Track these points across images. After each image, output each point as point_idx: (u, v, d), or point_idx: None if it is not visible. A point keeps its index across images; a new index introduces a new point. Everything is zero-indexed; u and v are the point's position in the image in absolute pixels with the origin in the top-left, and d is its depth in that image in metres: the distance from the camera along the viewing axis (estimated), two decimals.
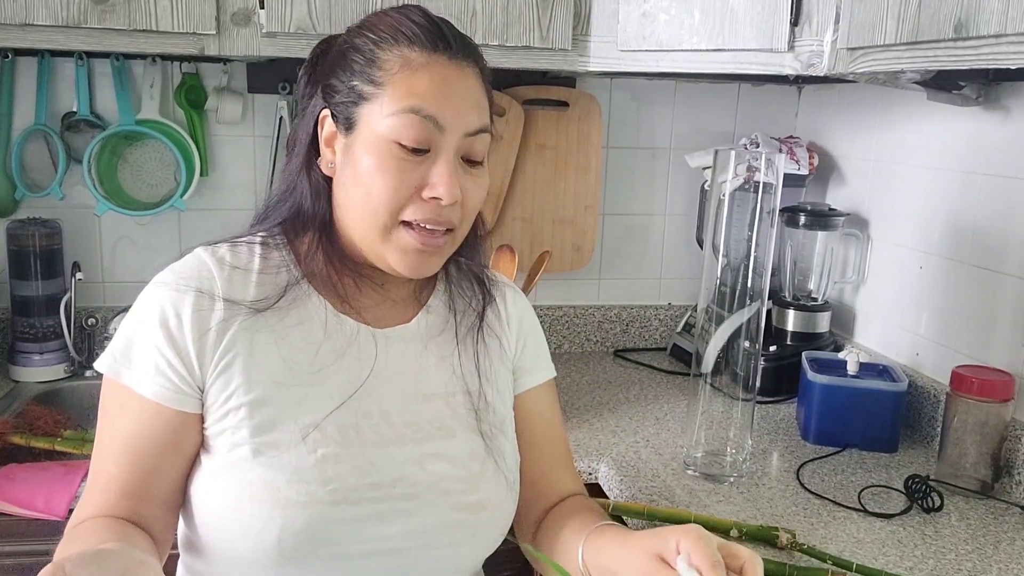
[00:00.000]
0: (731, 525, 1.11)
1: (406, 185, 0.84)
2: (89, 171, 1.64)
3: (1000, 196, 1.36)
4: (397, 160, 0.84)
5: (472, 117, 0.86)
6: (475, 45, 0.91)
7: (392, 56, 0.85)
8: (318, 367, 0.88)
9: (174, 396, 0.84)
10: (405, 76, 0.84)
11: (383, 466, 0.87)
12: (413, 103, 0.83)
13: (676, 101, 1.93)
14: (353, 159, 0.86)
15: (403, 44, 0.85)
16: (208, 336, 0.85)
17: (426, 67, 0.85)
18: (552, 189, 1.86)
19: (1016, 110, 1.33)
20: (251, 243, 0.92)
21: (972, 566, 1.08)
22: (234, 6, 1.37)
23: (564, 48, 1.48)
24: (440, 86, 0.84)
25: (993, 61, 0.94)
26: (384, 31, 0.87)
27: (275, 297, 0.88)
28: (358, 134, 0.86)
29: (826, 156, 1.83)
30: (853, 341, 1.74)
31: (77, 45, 1.37)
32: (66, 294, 1.66)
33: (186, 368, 0.84)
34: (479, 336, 0.97)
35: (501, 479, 0.93)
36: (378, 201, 0.84)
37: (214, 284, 0.87)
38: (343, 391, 0.88)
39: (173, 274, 0.88)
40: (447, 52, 0.86)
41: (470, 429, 0.93)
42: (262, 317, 0.87)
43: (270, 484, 0.82)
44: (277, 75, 1.72)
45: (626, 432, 1.48)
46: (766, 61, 1.31)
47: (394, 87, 0.84)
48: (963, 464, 1.28)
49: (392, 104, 0.84)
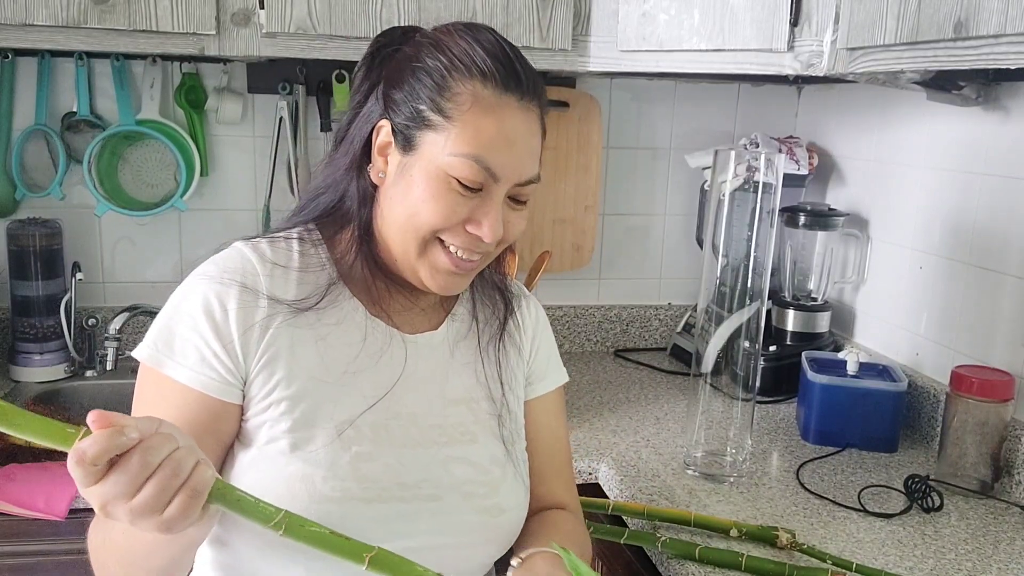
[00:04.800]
0: (731, 525, 1.11)
1: (455, 217, 0.86)
2: (89, 171, 1.64)
3: (1000, 196, 1.36)
4: (452, 194, 0.85)
5: (527, 168, 0.88)
6: (541, 79, 0.90)
7: (464, 90, 0.84)
8: (355, 368, 0.89)
9: (219, 387, 0.84)
10: (474, 117, 0.84)
11: (411, 467, 0.89)
12: (477, 152, 0.84)
13: (676, 101, 1.93)
14: (408, 180, 0.86)
15: (476, 78, 0.84)
16: (253, 331, 0.85)
17: (495, 111, 0.85)
18: (552, 189, 1.86)
19: (1016, 110, 1.33)
20: (289, 239, 0.93)
21: (972, 566, 1.08)
22: (234, 6, 1.37)
23: (564, 48, 1.49)
24: (506, 139, 0.85)
25: (993, 61, 0.94)
26: (458, 58, 0.85)
27: (316, 297, 0.89)
28: (417, 158, 0.86)
29: (826, 156, 1.83)
30: (853, 341, 1.74)
31: (77, 45, 1.37)
32: (66, 294, 1.66)
33: (231, 360, 0.84)
34: (500, 344, 0.99)
35: (520, 484, 0.96)
36: (423, 225, 0.86)
37: (258, 281, 0.87)
38: (375, 392, 0.89)
39: (217, 267, 0.88)
40: (518, 92, 0.86)
41: (492, 435, 0.95)
42: (302, 315, 0.88)
43: (307, 478, 0.84)
44: (277, 75, 1.72)
45: (626, 432, 1.48)
46: (766, 61, 1.31)
47: (463, 126, 0.84)
48: (963, 464, 1.28)
49: (457, 145, 0.84)
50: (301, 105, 1.73)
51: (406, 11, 1.41)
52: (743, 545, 1.09)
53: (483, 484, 0.92)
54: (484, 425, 0.95)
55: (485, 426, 0.95)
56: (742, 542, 1.10)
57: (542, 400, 1.04)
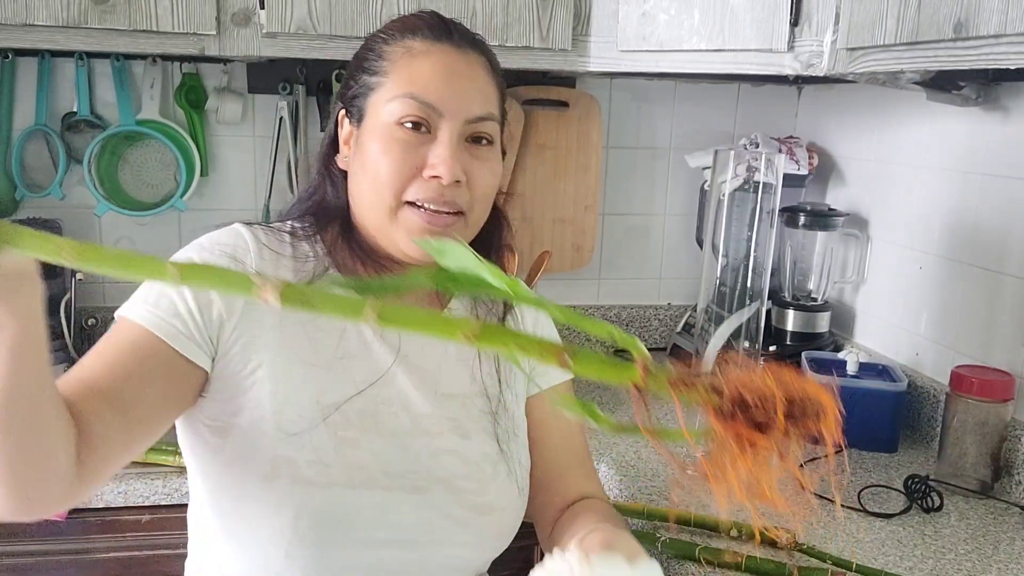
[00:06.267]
0: (731, 525, 1.11)
1: (408, 165, 0.85)
2: (89, 171, 1.64)
3: (1000, 196, 1.36)
4: (399, 142, 0.85)
5: (474, 104, 0.87)
6: (483, 41, 0.92)
7: (397, 47, 0.88)
8: (343, 352, 0.89)
9: (183, 341, 0.82)
10: (407, 63, 0.86)
11: (398, 455, 0.88)
12: (412, 90, 0.85)
13: (676, 101, 1.93)
14: (362, 148, 0.88)
15: (408, 36, 0.88)
16: (237, 303, 0.85)
17: (427, 54, 0.87)
18: (552, 189, 1.86)
19: (1016, 110, 1.33)
20: (283, 231, 0.94)
21: (972, 566, 1.08)
22: (234, 6, 1.37)
23: (564, 48, 1.49)
24: (441, 72, 0.86)
25: (993, 61, 0.94)
26: (393, 28, 0.90)
27: (306, 281, 0.89)
28: (366, 124, 0.88)
29: (826, 156, 1.83)
30: (853, 341, 1.74)
31: (77, 45, 1.37)
32: (66, 294, 1.66)
33: (204, 322, 0.83)
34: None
35: (512, 485, 0.94)
36: (383, 182, 0.86)
37: (248, 257, 0.88)
38: (366, 378, 0.89)
39: (210, 240, 0.89)
40: (450, 42, 0.88)
41: (485, 432, 0.94)
42: None
43: (291, 462, 0.83)
44: (277, 75, 1.72)
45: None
46: (766, 61, 1.31)
47: (397, 73, 0.86)
48: (963, 464, 1.28)
49: (393, 90, 0.86)
50: (301, 105, 1.73)
51: (406, 11, 1.41)
52: (743, 545, 1.09)
53: (473, 480, 0.91)
54: (478, 422, 0.94)
55: (479, 423, 0.94)
56: (742, 542, 1.10)
57: (549, 394, 1.03)
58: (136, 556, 1.28)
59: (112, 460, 0.76)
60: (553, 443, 1.01)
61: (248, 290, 0.53)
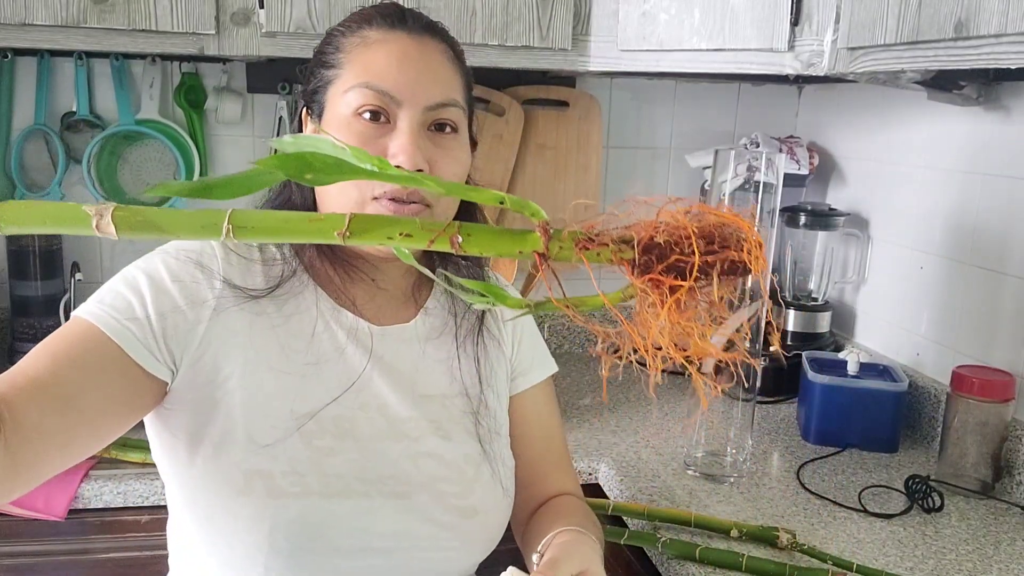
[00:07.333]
0: (731, 525, 1.11)
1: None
2: (89, 171, 1.64)
3: (1000, 196, 1.36)
4: (358, 134, 0.83)
5: (433, 90, 0.84)
6: (442, 28, 0.90)
7: (352, 39, 0.86)
8: (315, 358, 0.86)
9: (136, 346, 0.78)
10: (361, 53, 0.85)
11: (377, 461, 0.86)
12: (367, 79, 0.83)
13: (676, 101, 1.93)
14: None
15: (364, 26, 0.86)
16: (202, 310, 0.82)
17: (382, 43, 0.85)
18: (552, 189, 1.86)
19: (1016, 110, 1.33)
20: None
21: (972, 566, 1.07)
22: (234, 6, 1.37)
23: (564, 48, 1.48)
24: (396, 59, 0.84)
25: (993, 61, 0.94)
26: (351, 20, 0.88)
27: (273, 285, 0.87)
28: (325, 118, 0.86)
29: (826, 156, 1.83)
30: (853, 341, 1.74)
31: (77, 45, 1.36)
32: (65, 294, 1.66)
33: (162, 329, 0.80)
34: (479, 339, 0.96)
35: (496, 486, 0.93)
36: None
37: (215, 262, 0.86)
38: (340, 383, 0.87)
39: (175, 246, 0.87)
40: (405, 29, 0.86)
41: (467, 433, 0.92)
42: (259, 304, 0.86)
43: (265, 475, 0.81)
44: (277, 75, 1.71)
45: (626, 432, 1.48)
46: (766, 61, 1.31)
47: (351, 64, 0.84)
48: (963, 464, 1.28)
49: (349, 80, 0.84)
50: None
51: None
52: (743, 546, 1.09)
53: (456, 483, 0.89)
54: (459, 423, 0.92)
55: (459, 424, 0.92)
56: (742, 542, 1.10)
57: (531, 393, 1.02)
58: (136, 556, 1.28)
59: (49, 457, 0.71)
60: (533, 442, 1.00)
61: (86, 225, 0.50)
